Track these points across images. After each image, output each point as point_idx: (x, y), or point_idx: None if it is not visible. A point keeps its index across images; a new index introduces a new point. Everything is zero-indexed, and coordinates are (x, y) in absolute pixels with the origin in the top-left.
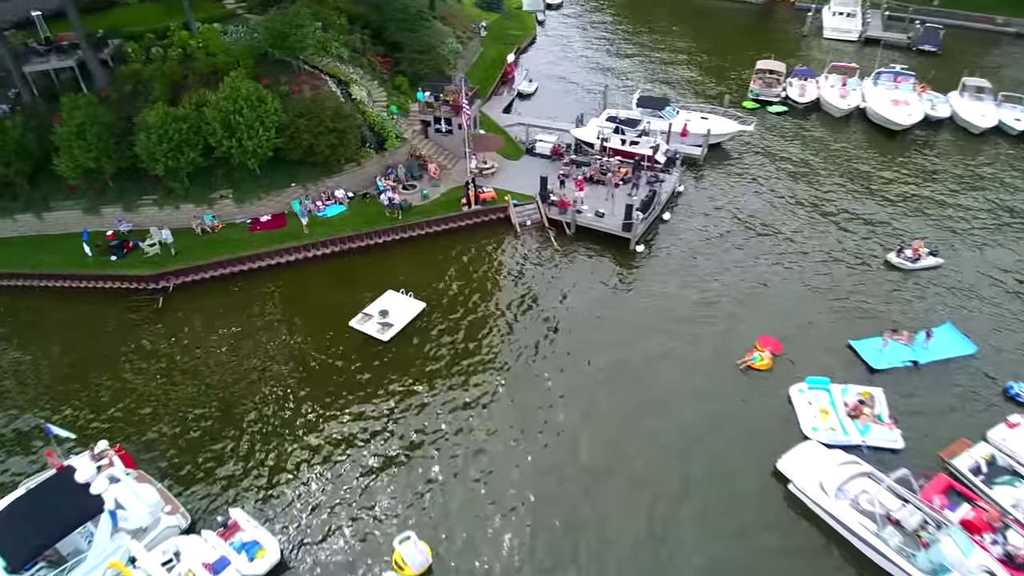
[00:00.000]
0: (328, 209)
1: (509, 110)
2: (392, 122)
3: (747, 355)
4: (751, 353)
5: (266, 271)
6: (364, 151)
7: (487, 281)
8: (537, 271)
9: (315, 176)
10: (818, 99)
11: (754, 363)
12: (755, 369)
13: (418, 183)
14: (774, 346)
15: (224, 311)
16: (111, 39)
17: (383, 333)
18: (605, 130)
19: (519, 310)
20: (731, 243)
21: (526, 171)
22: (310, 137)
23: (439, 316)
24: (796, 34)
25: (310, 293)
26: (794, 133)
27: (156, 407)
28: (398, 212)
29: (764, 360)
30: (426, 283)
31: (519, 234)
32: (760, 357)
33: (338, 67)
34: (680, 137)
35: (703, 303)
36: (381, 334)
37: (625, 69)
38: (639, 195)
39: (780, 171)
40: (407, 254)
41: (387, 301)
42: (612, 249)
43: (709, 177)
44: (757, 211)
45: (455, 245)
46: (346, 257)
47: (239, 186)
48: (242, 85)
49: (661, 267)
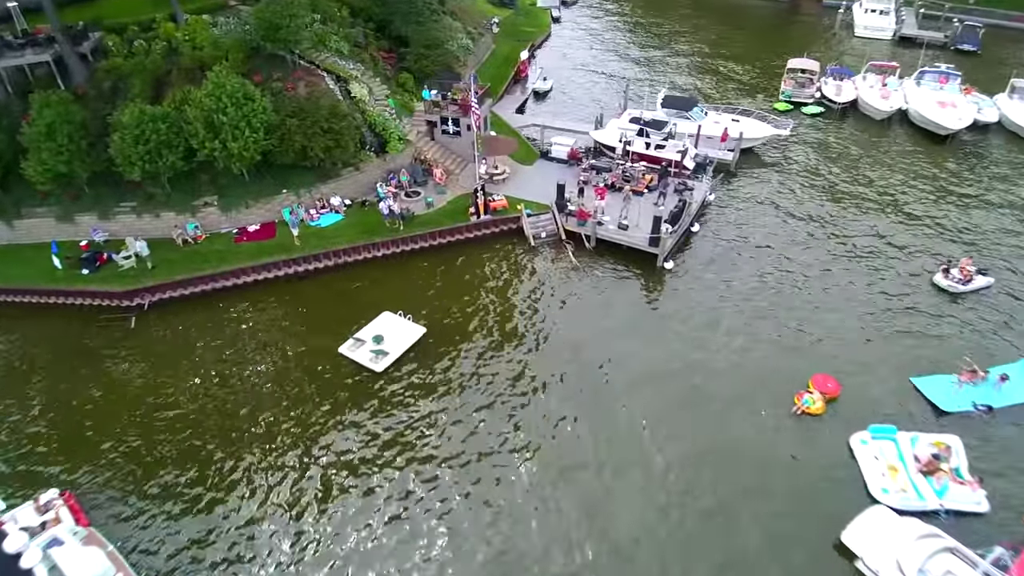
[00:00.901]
0: (322, 218)
1: (523, 110)
2: (395, 122)
3: (798, 398)
4: (803, 395)
5: (251, 287)
6: (364, 154)
7: (496, 302)
8: (553, 291)
9: (309, 182)
10: (856, 100)
11: (807, 407)
12: (808, 414)
13: (422, 190)
14: (831, 386)
15: (202, 333)
16: (92, 32)
17: (376, 362)
18: (628, 132)
19: (532, 337)
20: (767, 260)
21: (541, 177)
22: (303, 139)
23: (441, 343)
24: (825, 32)
25: (299, 313)
26: (831, 136)
27: (119, 444)
28: (398, 222)
29: (818, 403)
30: (427, 302)
31: (533, 248)
32: (813, 400)
33: (337, 63)
34: (720, 142)
35: (742, 332)
36: (374, 363)
37: (646, 68)
38: (666, 205)
39: (817, 178)
40: (408, 269)
41: (382, 324)
42: (637, 266)
43: (741, 185)
44: (793, 223)
45: (461, 260)
46: (340, 272)
47: (225, 192)
48: (227, 81)
49: (692, 287)
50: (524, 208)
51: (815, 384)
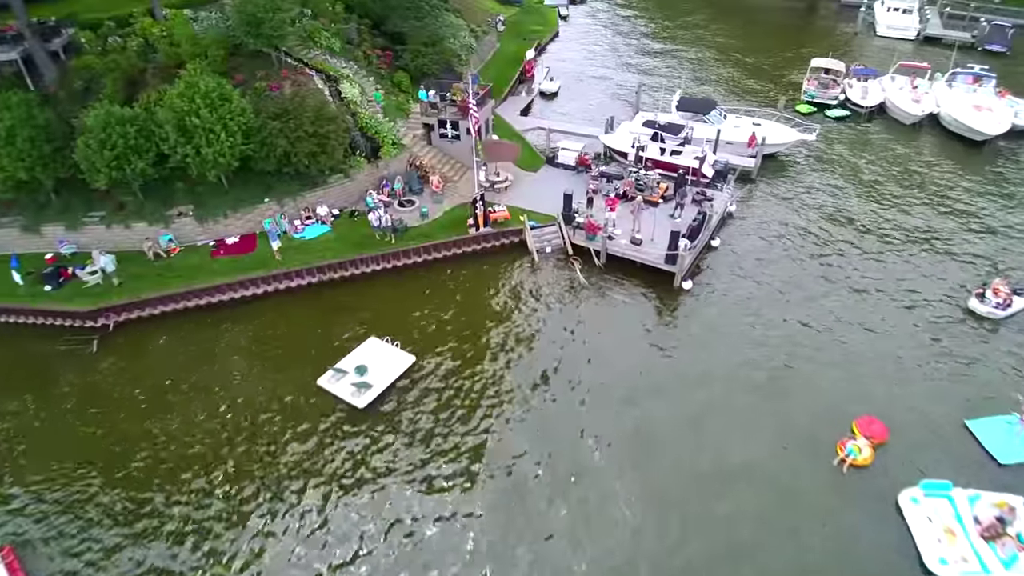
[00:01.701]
0: (307, 230)
1: (528, 112)
2: (389, 125)
3: (841, 446)
4: (846, 442)
5: (226, 307)
6: (354, 160)
7: (494, 326)
8: (559, 314)
9: (294, 190)
10: (883, 103)
11: (853, 458)
12: (855, 466)
13: (417, 199)
14: (878, 432)
15: (168, 359)
16: (65, 28)
17: (358, 397)
18: (641, 137)
19: (535, 369)
20: (793, 280)
21: (546, 185)
22: (286, 143)
23: (431, 374)
24: (845, 31)
25: (277, 337)
26: (859, 142)
27: (69, 487)
28: (390, 235)
29: (865, 452)
30: (419, 326)
31: (537, 263)
32: (859, 448)
33: (328, 61)
34: (747, 147)
35: (770, 363)
36: (356, 398)
37: (658, 68)
38: (683, 217)
39: (844, 188)
40: (399, 287)
41: (367, 352)
42: (652, 285)
43: (762, 194)
44: (820, 238)
45: (458, 277)
46: (325, 290)
47: (202, 201)
48: (201, 80)
49: (713, 311)
50: (527, 219)
51: (860, 428)
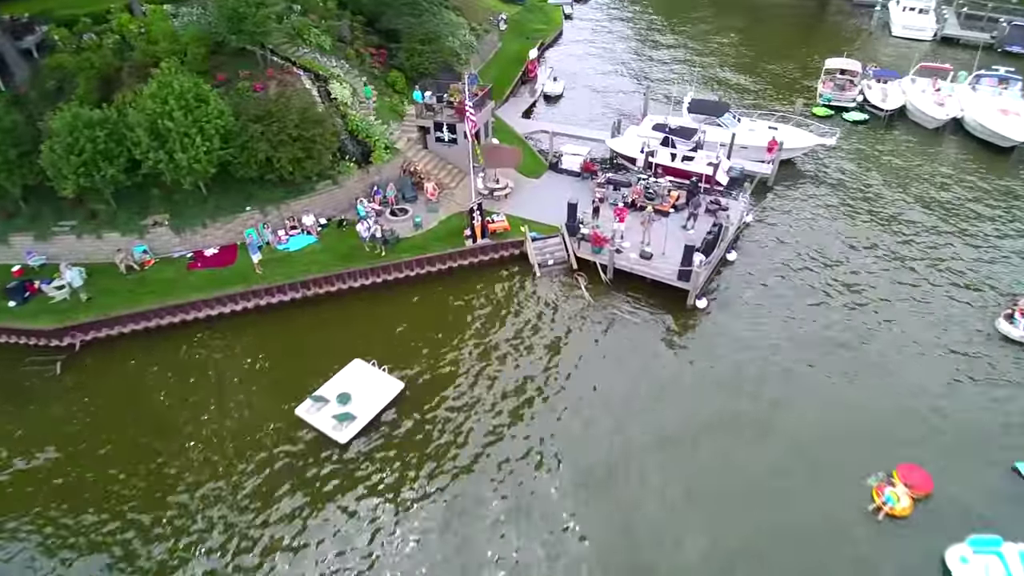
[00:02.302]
0: (292, 240)
1: (530, 114)
2: (382, 128)
3: (878, 493)
4: (883, 488)
5: (202, 324)
6: (343, 165)
7: (491, 348)
8: (561, 334)
9: (277, 198)
10: (904, 106)
11: (891, 507)
12: (892, 516)
13: (410, 207)
14: (921, 481)
15: (136, 383)
16: (39, 25)
17: (340, 430)
18: (650, 141)
19: (535, 396)
20: (815, 296)
21: (549, 192)
22: (267, 148)
23: (421, 402)
24: (859, 31)
25: (254, 359)
26: (878, 147)
27: (20, 524)
28: (380, 247)
29: (904, 502)
30: (409, 347)
31: (539, 278)
32: (896, 496)
33: (318, 60)
34: (767, 152)
35: (793, 393)
36: (337, 431)
37: (667, 68)
38: (694, 227)
39: (865, 196)
40: (388, 304)
41: (352, 377)
42: (663, 303)
43: (779, 203)
44: (843, 252)
45: (453, 293)
46: (308, 307)
47: (179, 210)
48: (175, 80)
49: (730, 333)
50: (528, 230)
51: (901, 475)
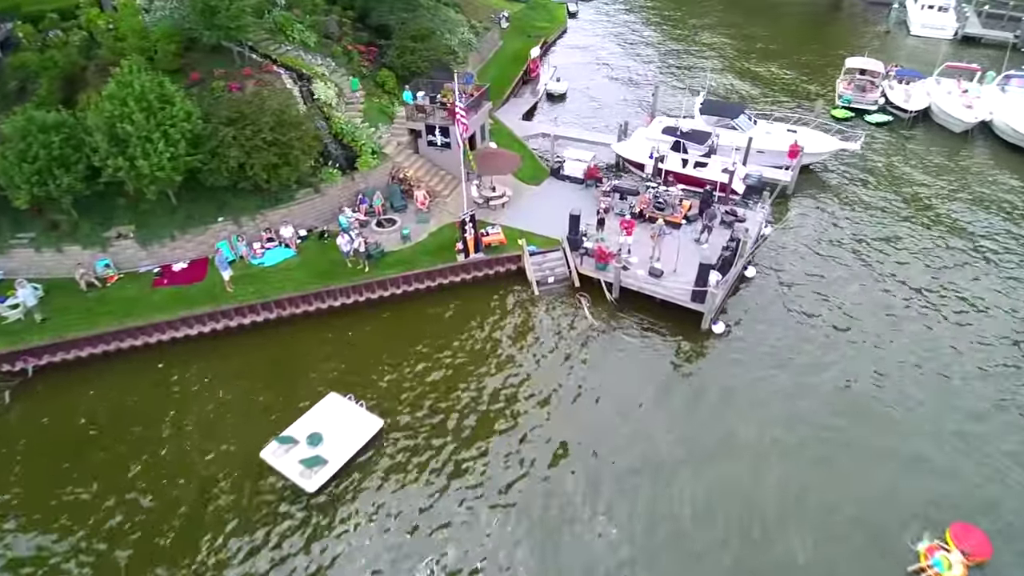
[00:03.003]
0: (268, 254)
1: (531, 116)
2: (369, 131)
3: (927, 554)
4: (933, 551)
5: (166, 348)
6: (326, 172)
7: (483, 377)
8: (561, 361)
9: (253, 207)
10: (929, 107)
11: (935, 570)
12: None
13: (399, 217)
14: (978, 546)
15: (87, 415)
16: (4, 22)
17: (309, 478)
18: (660, 146)
19: (531, 435)
20: (846, 319)
21: (550, 201)
22: (240, 153)
23: (403, 442)
24: (875, 30)
25: (219, 388)
26: (904, 151)
27: None
28: (363, 262)
29: (955, 570)
30: (391, 376)
31: (537, 297)
32: (948, 563)
33: (302, 57)
34: (788, 158)
35: (820, 430)
36: (306, 479)
37: (674, 68)
38: (708, 240)
39: (893, 205)
40: (370, 326)
41: (325, 414)
42: (674, 327)
43: (800, 212)
44: (874, 268)
45: (442, 313)
46: (282, 329)
47: (145, 221)
48: (135, 79)
49: (751, 361)
50: (526, 243)
51: (955, 538)
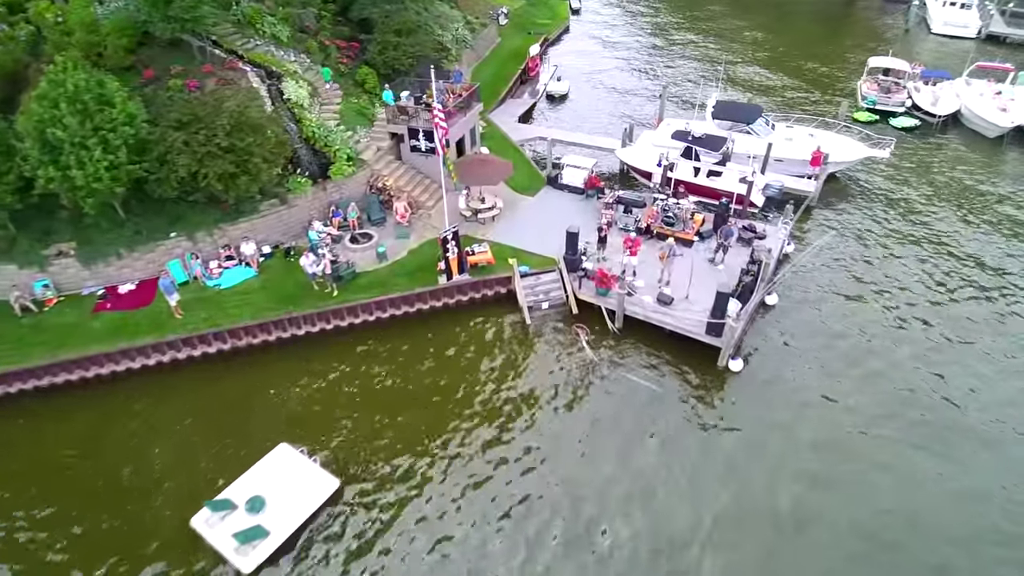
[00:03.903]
0: (225, 275)
1: (529, 119)
2: (344, 135)
3: None
4: None
5: (104, 383)
6: (294, 181)
7: (460, 425)
8: (556, 405)
9: (211, 221)
10: (959, 111)
11: None
12: None
13: (376, 232)
14: None
15: (8, 463)
16: None
17: (245, 555)
18: (670, 153)
19: (507, 499)
20: (886, 356)
21: (546, 214)
22: (191, 161)
23: (361, 510)
24: (892, 27)
25: (154, 435)
26: (933, 158)
27: None
28: (330, 284)
29: None
30: (353, 423)
31: (529, 326)
32: None
33: (272, 53)
34: (811, 166)
35: (866, 495)
36: (241, 556)
37: (685, 67)
38: (724, 260)
39: (929, 219)
40: (335, 360)
41: (272, 470)
42: (686, 362)
43: (824, 226)
44: (912, 290)
45: (418, 346)
46: (235, 362)
47: (89, 237)
48: (68, 78)
49: (774, 404)
50: (517, 264)
51: None
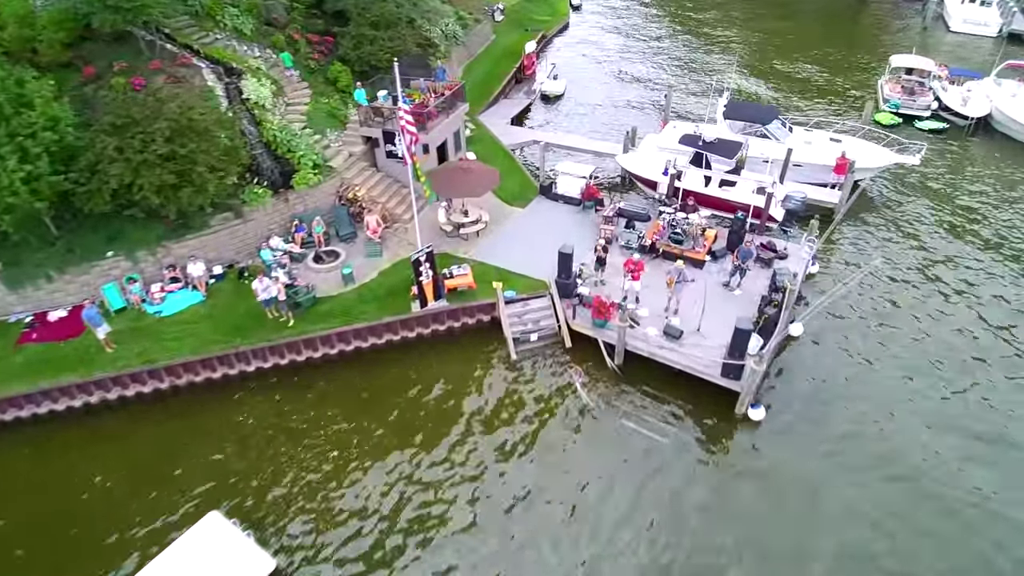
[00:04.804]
0: (169, 300)
1: (522, 120)
2: (310, 140)
3: None
4: None
5: (26, 427)
6: (251, 191)
7: (428, 490)
8: (536, 463)
9: (154, 238)
10: (990, 113)
11: None
12: None
13: (345, 249)
14: None
15: None
16: None
17: None
18: (677, 160)
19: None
20: (933, 398)
21: (536, 229)
22: (125, 171)
23: None
24: (908, 25)
25: (69, 493)
26: (966, 165)
27: None
28: (285, 314)
29: None
30: (299, 486)
31: (515, 361)
32: None
33: (234, 48)
34: (834, 174)
35: (922, 565)
36: None
37: (687, 67)
38: (739, 283)
39: (963, 233)
40: (286, 404)
41: (196, 549)
42: (697, 408)
43: (850, 241)
44: (956, 315)
45: (387, 386)
46: (173, 405)
47: (16, 257)
48: None
49: (803, 459)
50: (502, 288)
51: None
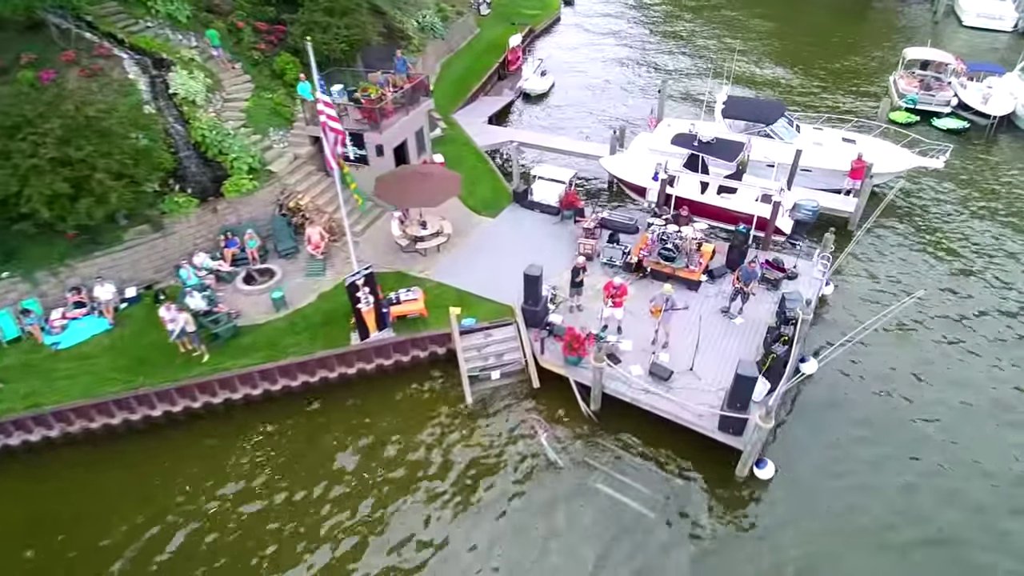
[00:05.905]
0: (70, 329)
1: (503, 119)
2: (245, 141)
3: None
4: None
5: None
6: (171, 201)
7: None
8: (496, 535)
9: (55, 255)
10: (1013, 111)
11: None
12: None
13: (280, 268)
14: None
15: None
16: None
17: None
18: (669, 163)
19: None
20: (966, 444)
21: (508, 241)
22: (10, 178)
23: None
24: (917, 19)
25: None
26: (986, 167)
27: None
28: (198, 347)
29: None
30: (208, 552)
31: (470, 407)
32: None
33: (168, 38)
34: (848, 178)
35: None
36: None
37: (685, 64)
38: (740, 309)
39: (985, 244)
40: (198, 459)
41: None
42: (690, 466)
43: (869, 255)
44: (993, 346)
45: (312, 437)
46: (65, 454)
47: None
48: None
49: (822, 529)
50: (459, 315)
51: None
